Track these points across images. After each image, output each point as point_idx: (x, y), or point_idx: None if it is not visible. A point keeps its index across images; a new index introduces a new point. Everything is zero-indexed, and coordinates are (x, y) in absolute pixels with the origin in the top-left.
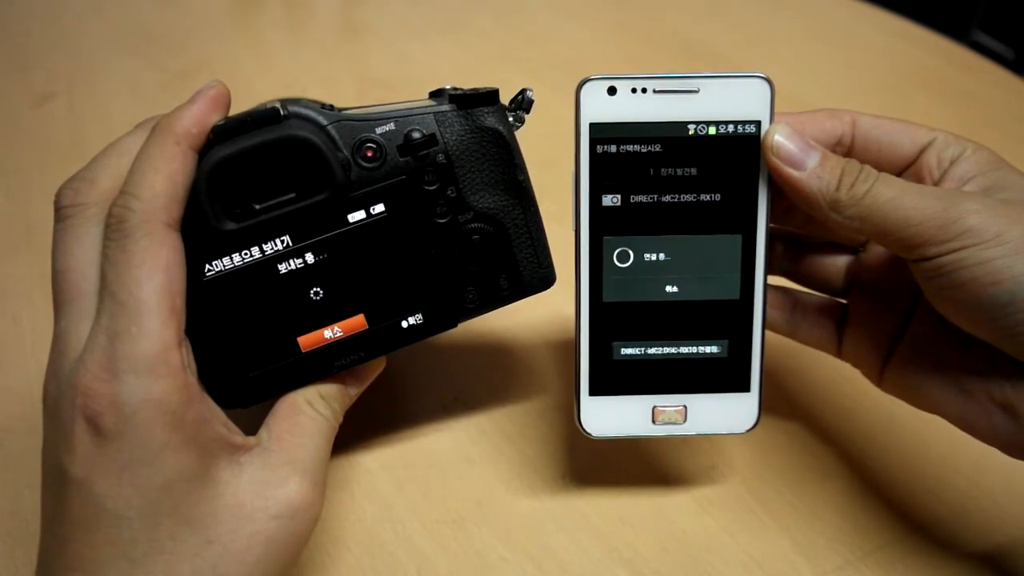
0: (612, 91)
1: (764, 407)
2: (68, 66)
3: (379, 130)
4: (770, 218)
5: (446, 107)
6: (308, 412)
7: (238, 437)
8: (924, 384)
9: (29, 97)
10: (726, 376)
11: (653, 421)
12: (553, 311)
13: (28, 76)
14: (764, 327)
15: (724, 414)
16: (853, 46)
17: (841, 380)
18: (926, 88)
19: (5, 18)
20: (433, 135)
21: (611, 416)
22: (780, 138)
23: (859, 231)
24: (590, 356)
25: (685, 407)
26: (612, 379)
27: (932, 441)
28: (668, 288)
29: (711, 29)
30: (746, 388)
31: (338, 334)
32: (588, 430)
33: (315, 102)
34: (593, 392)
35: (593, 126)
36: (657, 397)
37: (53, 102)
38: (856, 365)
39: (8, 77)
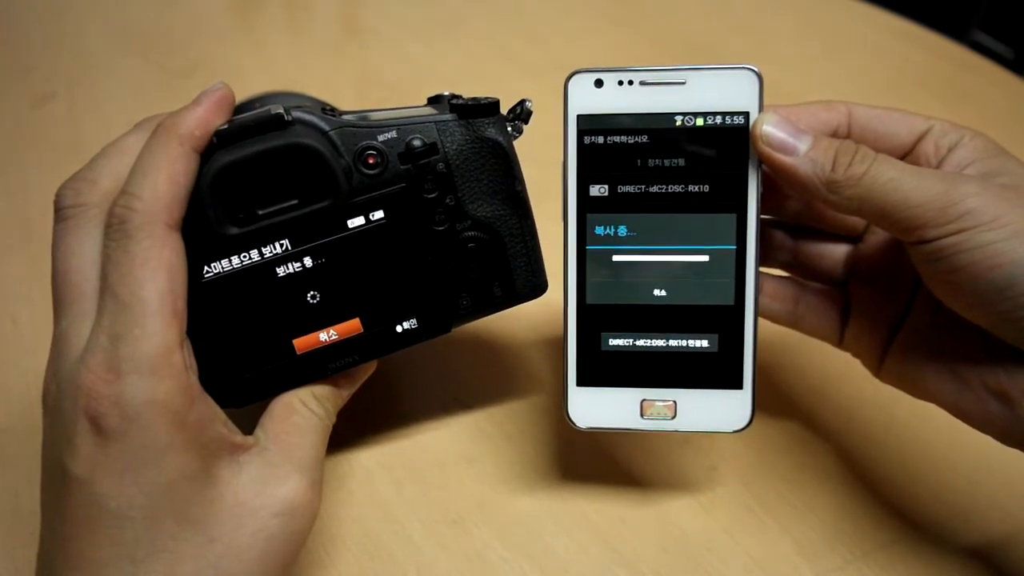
0: (599, 83)
1: (763, 406)
2: (68, 66)
3: (381, 137)
4: (760, 211)
5: (448, 116)
6: (303, 412)
7: (238, 437)
8: (921, 372)
9: (29, 97)
10: (717, 372)
11: (642, 415)
12: (553, 311)
13: (28, 76)
14: (756, 323)
15: (715, 411)
16: (853, 46)
17: (840, 379)
18: (926, 88)
19: (5, 18)
20: (434, 144)
21: (599, 407)
22: (768, 127)
23: (857, 212)
24: (578, 346)
25: (675, 402)
26: (600, 370)
27: (932, 441)
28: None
29: (711, 29)
30: (738, 385)
31: (333, 337)
32: (575, 421)
33: (316, 101)
34: (581, 383)
35: (581, 118)
36: (646, 390)
37: (53, 102)
38: (856, 355)
39: (8, 77)
